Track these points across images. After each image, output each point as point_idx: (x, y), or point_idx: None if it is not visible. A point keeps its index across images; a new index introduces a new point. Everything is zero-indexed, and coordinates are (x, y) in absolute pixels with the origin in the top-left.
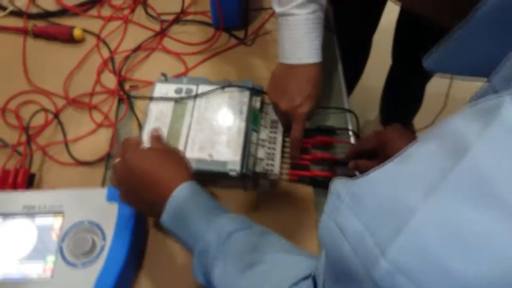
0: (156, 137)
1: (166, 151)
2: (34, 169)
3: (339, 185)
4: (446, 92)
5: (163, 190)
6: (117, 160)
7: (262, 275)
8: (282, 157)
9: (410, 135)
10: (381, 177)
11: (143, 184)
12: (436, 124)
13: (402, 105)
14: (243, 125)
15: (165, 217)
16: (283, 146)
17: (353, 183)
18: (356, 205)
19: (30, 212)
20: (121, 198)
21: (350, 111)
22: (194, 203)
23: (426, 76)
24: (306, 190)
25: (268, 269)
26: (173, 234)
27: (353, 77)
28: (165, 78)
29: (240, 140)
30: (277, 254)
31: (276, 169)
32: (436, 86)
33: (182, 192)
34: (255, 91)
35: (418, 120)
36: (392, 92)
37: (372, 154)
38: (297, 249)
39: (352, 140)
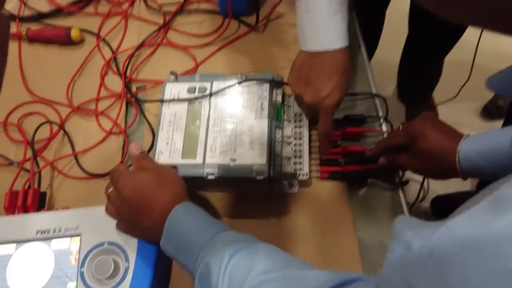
0: (141, 156)
1: (157, 172)
2: (43, 187)
3: (409, 232)
4: (471, 62)
5: (159, 213)
6: (111, 189)
7: None
8: (310, 153)
9: (442, 124)
10: (473, 230)
11: (139, 211)
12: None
13: (420, 78)
14: (265, 122)
15: (163, 241)
16: (310, 141)
17: (430, 232)
18: (436, 266)
19: (45, 237)
20: (118, 227)
21: (378, 95)
22: (190, 225)
23: (444, 46)
24: (339, 187)
25: (279, 286)
26: (174, 258)
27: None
28: (175, 77)
29: (264, 140)
30: (287, 271)
31: (305, 167)
32: (459, 55)
33: (177, 215)
34: (275, 83)
35: (441, 93)
36: (409, 65)
37: (403, 148)
38: (307, 264)
39: (384, 127)
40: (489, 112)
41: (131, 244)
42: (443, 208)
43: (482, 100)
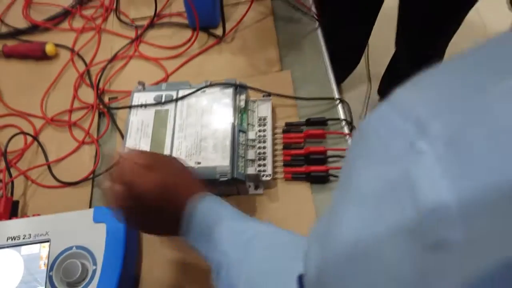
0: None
1: (168, 161)
2: (17, 195)
3: (421, 103)
4: None
5: (181, 205)
6: (112, 184)
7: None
8: (274, 155)
9: None
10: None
11: (157, 206)
12: None
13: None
14: (229, 127)
15: (191, 235)
16: (274, 144)
17: (458, 112)
18: (457, 162)
19: (15, 243)
20: (124, 219)
21: (341, 100)
22: (219, 218)
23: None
24: (303, 187)
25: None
26: (199, 252)
27: (347, 68)
28: (142, 86)
29: (227, 143)
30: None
31: (269, 169)
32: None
33: (205, 206)
34: (238, 89)
35: None
36: (397, 76)
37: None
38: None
39: (346, 130)
40: None
41: (98, 247)
42: None
43: None
